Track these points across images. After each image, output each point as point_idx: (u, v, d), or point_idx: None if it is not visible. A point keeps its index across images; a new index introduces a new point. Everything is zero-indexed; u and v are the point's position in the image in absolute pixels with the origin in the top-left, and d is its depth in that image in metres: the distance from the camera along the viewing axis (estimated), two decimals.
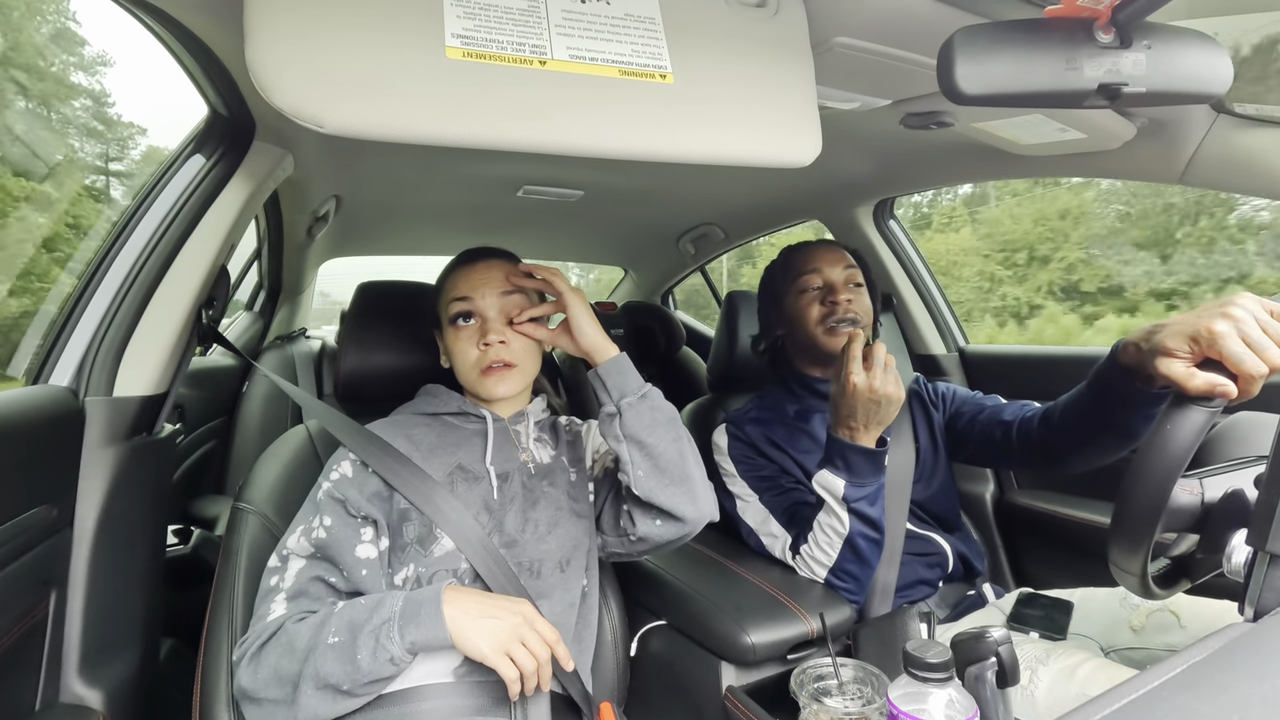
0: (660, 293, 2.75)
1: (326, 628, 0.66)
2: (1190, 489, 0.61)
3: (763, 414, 1.19)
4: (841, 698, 0.72)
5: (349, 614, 0.67)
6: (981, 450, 1.12)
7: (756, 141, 0.67)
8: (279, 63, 0.51)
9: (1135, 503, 0.58)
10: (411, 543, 0.78)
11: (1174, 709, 0.34)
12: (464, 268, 0.91)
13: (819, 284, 1.14)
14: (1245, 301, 0.64)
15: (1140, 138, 0.99)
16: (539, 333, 0.88)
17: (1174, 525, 0.62)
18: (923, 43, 0.77)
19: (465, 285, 0.89)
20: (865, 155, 1.35)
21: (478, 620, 0.66)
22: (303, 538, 0.75)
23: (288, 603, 0.71)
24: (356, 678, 0.63)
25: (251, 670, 0.67)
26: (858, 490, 0.94)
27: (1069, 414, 0.96)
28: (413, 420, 0.89)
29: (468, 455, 0.86)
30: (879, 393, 0.90)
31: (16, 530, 0.70)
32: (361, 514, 0.77)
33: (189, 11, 0.71)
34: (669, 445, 0.82)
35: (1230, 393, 0.60)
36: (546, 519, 0.86)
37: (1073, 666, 0.82)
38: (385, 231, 1.99)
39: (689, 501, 0.82)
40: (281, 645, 0.67)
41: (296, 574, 0.73)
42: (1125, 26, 0.58)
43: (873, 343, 0.95)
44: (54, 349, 0.85)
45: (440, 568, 0.78)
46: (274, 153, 1.00)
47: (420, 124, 0.54)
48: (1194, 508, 0.61)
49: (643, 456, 0.81)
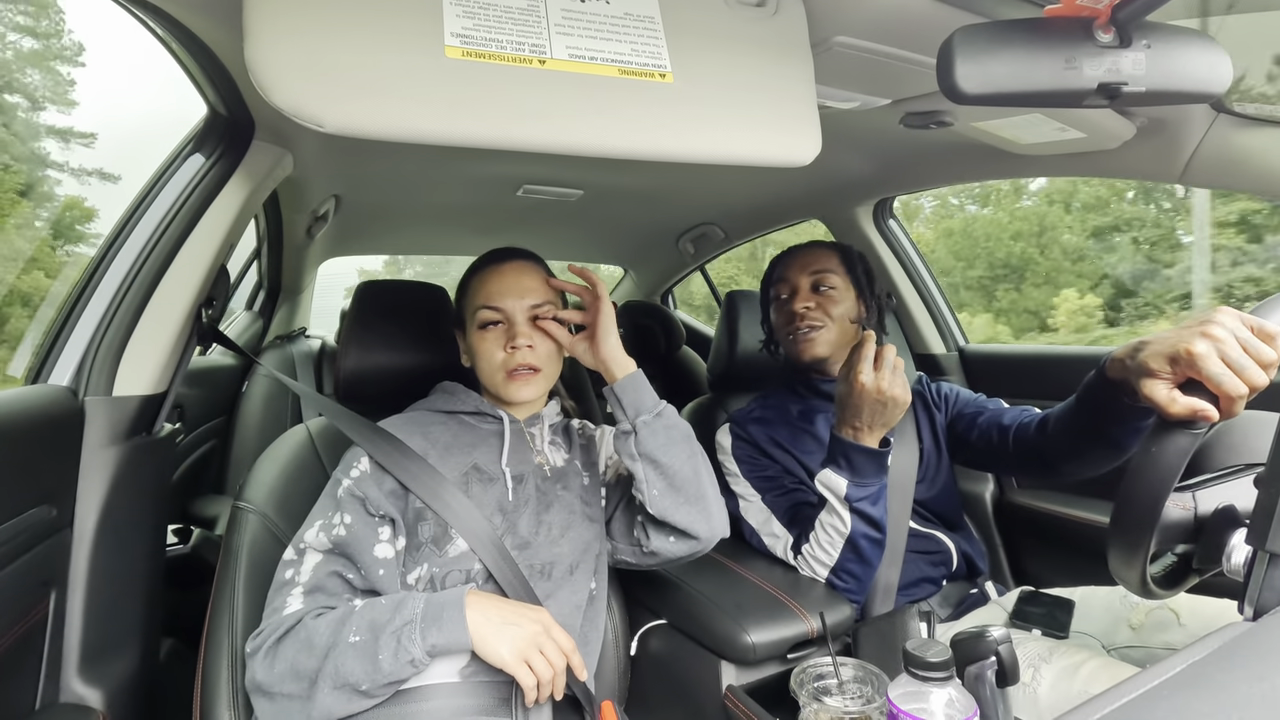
0: (660, 292, 2.75)
1: (347, 626, 0.66)
2: (1183, 504, 0.61)
3: (766, 414, 1.19)
4: (841, 697, 0.72)
5: (370, 614, 0.67)
6: (979, 454, 1.13)
7: (756, 141, 0.67)
8: (278, 62, 0.51)
9: (1127, 522, 0.58)
10: (426, 542, 0.78)
11: (1174, 708, 0.34)
12: (493, 269, 0.91)
13: (785, 294, 1.17)
14: (1225, 319, 0.62)
15: (1140, 137, 1.00)
16: (561, 335, 0.89)
17: (1168, 540, 0.62)
18: (922, 42, 0.77)
19: (496, 288, 0.88)
20: (865, 155, 1.35)
21: (500, 627, 0.66)
22: (321, 533, 0.75)
23: (304, 597, 0.71)
24: (376, 678, 0.63)
25: (267, 664, 0.67)
26: (860, 490, 0.94)
27: (1061, 425, 0.95)
28: (429, 417, 0.89)
29: (484, 456, 0.86)
30: (886, 394, 0.90)
31: (16, 530, 0.70)
32: (380, 512, 0.77)
33: (188, 11, 0.71)
34: (684, 463, 0.82)
35: (1211, 416, 0.60)
36: (560, 522, 0.86)
37: (1076, 665, 0.82)
38: (385, 231, 1.99)
39: (703, 519, 0.83)
40: (300, 641, 0.67)
41: (314, 568, 0.73)
42: (1125, 26, 0.58)
43: (882, 343, 0.95)
44: (54, 348, 0.85)
45: (454, 568, 0.78)
46: (273, 152, 1.00)
47: (420, 123, 0.54)
48: (1187, 522, 0.61)
49: (658, 475, 0.81)
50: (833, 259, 1.17)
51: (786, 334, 1.16)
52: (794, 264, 1.17)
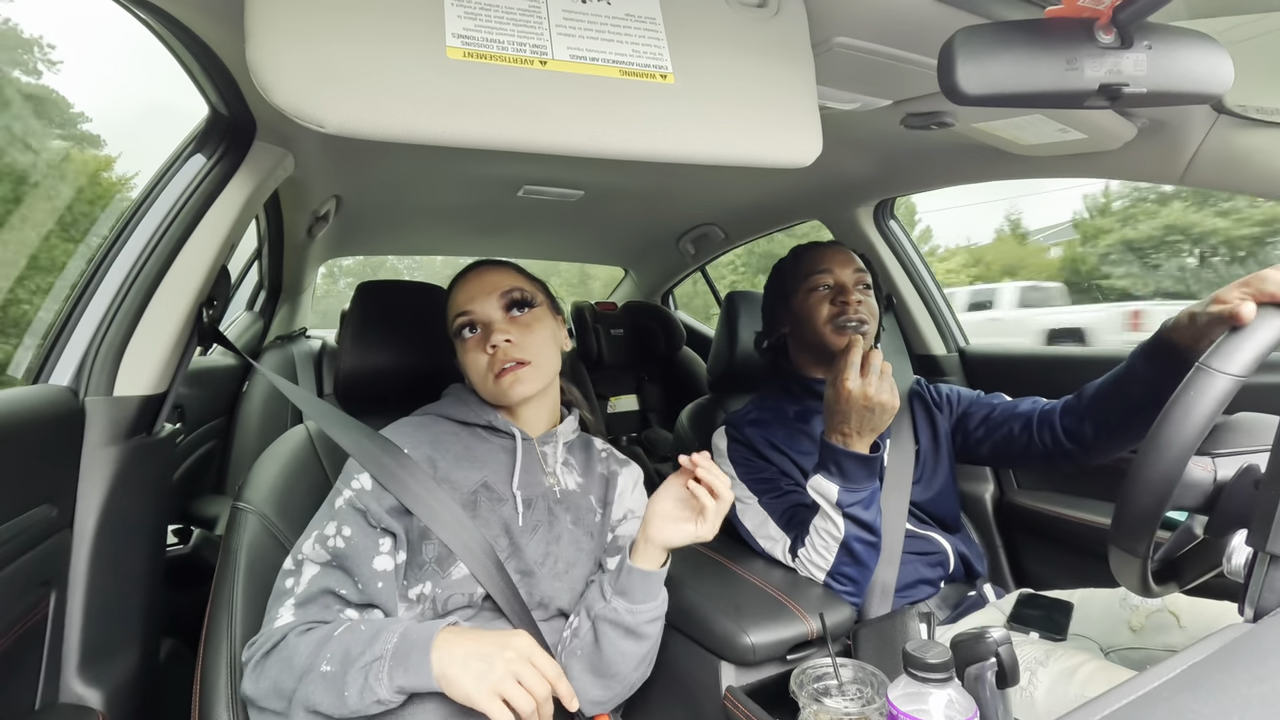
0: (660, 292, 2.75)
1: (324, 651, 0.64)
2: (1204, 465, 0.61)
3: (762, 415, 1.19)
4: (841, 698, 0.72)
5: (346, 641, 0.65)
6: (1001, 448, 1.12)
7: (757, 141, 0.67)
8: (280, 62, 0.51)
9: (1149, 473, 0.56)
10: (430, 562, 0.77)
11: (1174, 709, 0.34)
12: (460, 280, 0.91)
13: (830, 283, 1.15)
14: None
15: (1141, 138, 1.00)
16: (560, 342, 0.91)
17: (1186, 501, 0.61)
18: (923, 43, 0.77)
19: (464, 297, 0.88)
20: (866, 155, 1.35)
21: (466, 664, 0.63)
22: (318, 545, 0.74)
23: (296, 609, 0.71)
24: (344, 711, 0.62)
25: (254, 678, 0.67)
26: (851, 495, 0.94)
27: (1101, 400, 0.97)
28: (441, 425, 0.88)
29: (494, 474, 0.84)
30: (873, 400, 0.90)
31: (16, 530, 0.70)
32: (382, 525, 0.76)
33: (190, 11, 0.71)
34: (623, 666, 0.79)
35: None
36: (567, 558, 0.84)
37: (1072, 668, 0.82)
38: (385, 231, 1.99)
39: (600, 689, 0.80)
40: (282, 659, 0.66)
41: (310, 580, 0.72)
42: (1126, 27, 0.58)
43: (875, 348, 0.95)
44: (54, 348, 0.85)
45: (456, 591, 0.76)
46: (275, 152, 1.00)
47: (421, 124, 0.54)
48: (1206, 484, 0.60)
49: (594, 648, 0.78)
50: (860, 263, 1.17)
51: (835, 324, 1.12)
52: (836, 258, 1.16)
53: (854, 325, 1.10)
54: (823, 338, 1.13)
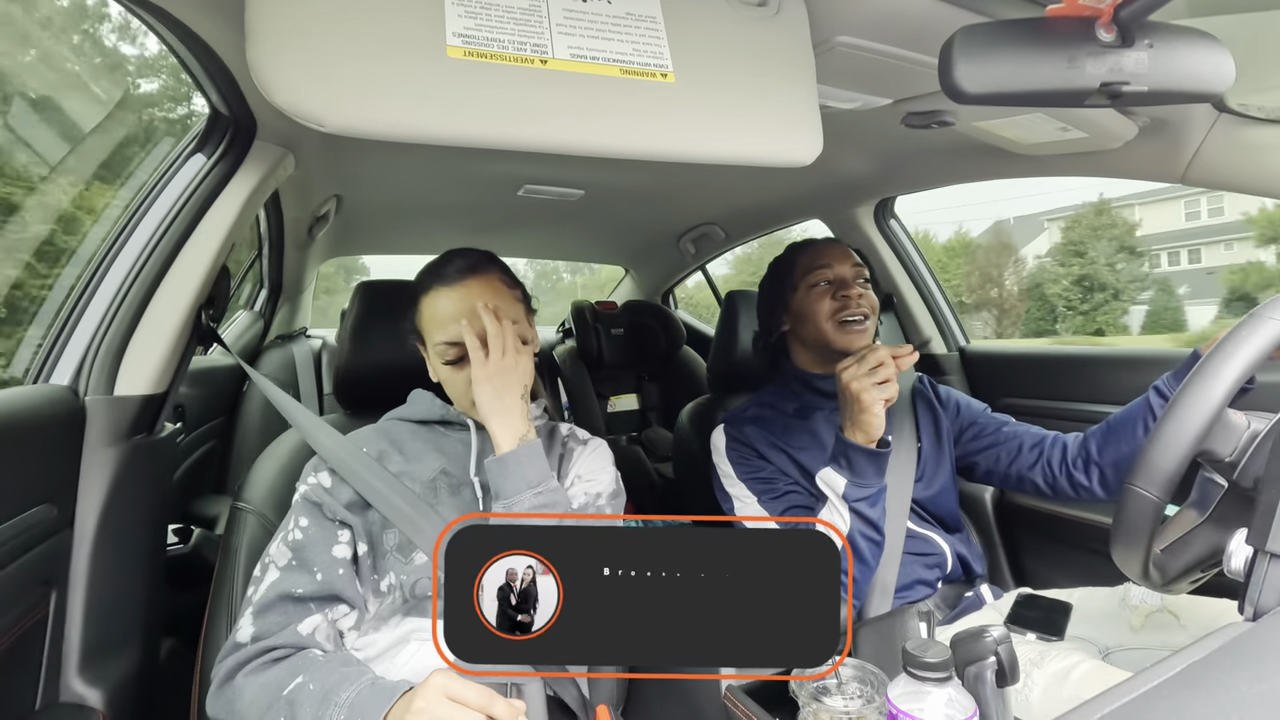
0: (661, 292, 2.75)
1: (274, 709, 0.63)
2: (1238, 415, 0.60)
3: (761, 413, 1.18)
4: (841, 697, 0.72)
5: (296, 700, 0.62)
6: (1000, 465, 1.13)
7: (757, 141, 0.67)
8: (280, 62, 0.51)
9: (1189, 403, 0.56)
10: (391, 550, 0.78)
11: (1174, 709, 0.34)
12: (444, 289, 0.85)
13: (830, 278, 1.15)
14: None
15: (1142, 137, 0.99)
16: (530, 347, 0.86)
17: (1218, 448, 0.60)
18: (924, 42, 0.77)
19: (449, 318, 0.83)
20: (866, 155, 1.35)
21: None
22: (281, 544, 0.76)
23: (255, 619, 0.71)
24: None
25: (212, 701, 0.68)
26: (858, 490, 0.94)
27: (1129, 427, 0.98)
28: (399, 427, 0.89)
29: (453, 463, 0.86)
30: (851, 391, 0.91)
31: (17, 530, 0.70)
32: (338, 519, 0.78)
33: (190, 11, 0.71)
34: None
35: None
36: None
37: (1067, 669, 0.81)
38: (386, 231, 1.99)
39: None
40: (227, 701, 0.67)
41: (267, 587, 0.73)
42: (1127, 25, 0.58)
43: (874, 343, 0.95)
44: (55, 348, 0.85)
45: (422, 575, 0.77)
46: (275, 152, 1.00)
47: (421, 123, 0.54)
48: (1240, 431, 0.60)
49: None
50: (858, 258, 1.18)
51: (837, 319, 1.12)
52: (834, 253, 1.16)
53: (857, 319, 1.10)
54: (825, 334, 1.13)
